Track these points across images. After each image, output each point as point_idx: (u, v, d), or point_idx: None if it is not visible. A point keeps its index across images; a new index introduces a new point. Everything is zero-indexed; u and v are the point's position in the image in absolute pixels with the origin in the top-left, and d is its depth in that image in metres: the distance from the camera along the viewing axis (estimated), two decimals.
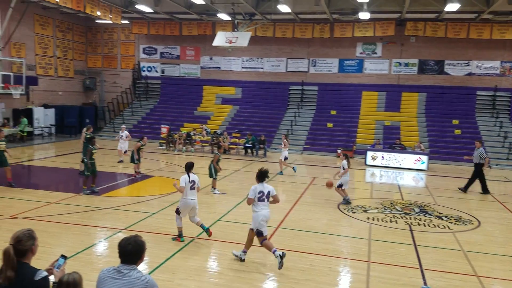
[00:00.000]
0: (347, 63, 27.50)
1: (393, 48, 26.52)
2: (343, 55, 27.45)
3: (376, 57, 26.98)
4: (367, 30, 25.00)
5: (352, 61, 27.40)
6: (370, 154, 20.46)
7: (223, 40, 22.32)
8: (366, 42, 26.74)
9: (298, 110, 27.13)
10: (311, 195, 13.36)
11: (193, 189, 8.29)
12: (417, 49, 26.16)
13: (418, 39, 25.73)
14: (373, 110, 26.16)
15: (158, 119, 26.70)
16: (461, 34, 24.05)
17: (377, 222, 10.48)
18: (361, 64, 27.28)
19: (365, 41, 26.64)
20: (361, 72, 27.30)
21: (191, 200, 8.26)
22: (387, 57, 26.76)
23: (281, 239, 8.79)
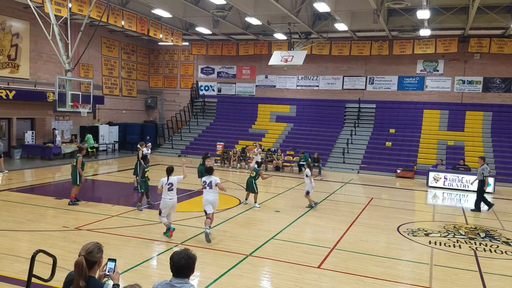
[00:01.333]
0: (407, 80, 26.70)
1: (455, 65, 25.43)
2: (403, 73, 26.72)
3: (437, 75, 25.99)
4: (428, 47, 24.24)
5: (412, 79, 26.57)
6: (432, 175, 19.52)
7: (278, 59, 22.55)
8: (427, 59, 25.88)
9: (355, 128, 26.59)
10: (369, 216, 12.93)
11: (171, 190, 9.41)
12: (481, 66, 24.91)
13: (483, 56, 24.53)
14: (435, 129, 25.08)
15: (214, 136, 27.28)
16: None
17: (439, 246, 9.93)
18: (422, 81, 26.38)
19: (426, 58, 25.80)
20: (422, 89, 26.37)
21: (169, 200, 9.42)
22: (450, 75, 25.68)
23: (337, 261, 8.56)
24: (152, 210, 12.21)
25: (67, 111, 19.58)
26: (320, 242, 9.78)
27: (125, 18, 22.18)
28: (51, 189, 15.62)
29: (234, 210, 12.78)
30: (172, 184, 9.41)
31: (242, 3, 19.59)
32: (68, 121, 25.19)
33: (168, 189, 9.39)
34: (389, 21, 22.49)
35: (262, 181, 13.96)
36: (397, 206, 14.85)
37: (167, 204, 9.42)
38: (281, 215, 12.44)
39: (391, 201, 16.10)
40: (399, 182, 20.47)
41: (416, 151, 23.73)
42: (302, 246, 9.45)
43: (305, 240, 10.08)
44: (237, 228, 10.77)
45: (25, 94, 21.16)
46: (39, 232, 9.69)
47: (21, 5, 20.66)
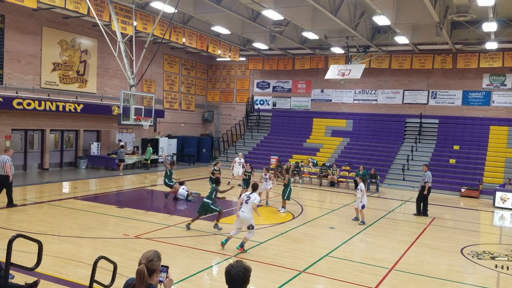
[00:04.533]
0: (472, 95, 25.37)
1: None
2: (468, 87, 25.43)
3: (505, 89, 24.47)
4: (495, 61, 22.97)
5: (478, 93, 25.21)
6: (499, 194, 18.27)
7: (335, 73, 22.32)
8: (494, 73, 24.49)
9: (416, 144, 25.58)
10: (431, 237, 12.30)
11: (246, 203, 9.64)
12: None
13: None
14: (503, 146, 23.54)
15: (268, 150, 27.36)
16: None
17: (506, 271, 9.22)
18: (488, 96, 24.96)
19: (492, 72, 24.42)
20: (488, 105, 24.94)
21: (241, 212, 9.64)
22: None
23: (396, 282, 8.18)
24: (207, 222, 12.39)
25: (130, 124, 20.52)
26: (378, 262, 9.41)
27: (186, 35, 23.03)
28: (113, 198, 16.36)
29: (288, 224, 12.67)
30: (250, 198, 9.65)
31: (300, 18, 19.68)
32: (131, 133, 26.40)
33: (245, 201, 9.68)
34: (453, 34, 21.60)
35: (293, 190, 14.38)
36: (461, 227, 14.01)
37: (240, 216, 9.65)
38: (336, 232, 12.16)
39: (454, 221, 15.22)
40: (463, 202, 19.35)
41: (482, 169, 22.36)
42: (358, 265, 9.15)
43: (361, 259, 9.75)
44: (291, 243, 10.64)
45: (92, 107, 22.46)
46: (101, 239, 10.14)
47: (89, 23, 22.10)
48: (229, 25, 22.01)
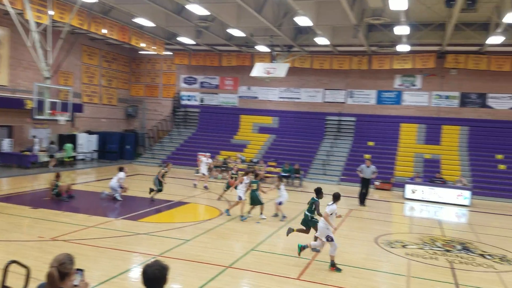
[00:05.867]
0: (385, 94, 27.23)
1: (433, 80, 26.08)
2: (381, 87, 27.25)
3: (415, 89, 26.59)
4: (406, 63, 24.80)
5: (391, 93, 27.12)
6: (410, 187, 19.85)
7: (261, 71, 22.73)
8: (405, 74, 26.48)
9: (335, 140, 26.93)
10: (348, 227, 13.04)
11: None
12: (458, 82, 25.60)
13: (460, 72, 25.21)
14: (412, 143, 25.59)
15: (196, 147, 27.17)
16: (505, 67, 23.39)
17: (416, 258, 10.07)
18: (399, 96, 26.94)
19: (404, 73, 26.39)
20: (400, 104, 26.92)
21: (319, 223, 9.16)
22: (427, 90, 26.31)
23: (316, 272, 8.59)
24: (130, 221, 12.05)
25: (45, 119, 19.26)
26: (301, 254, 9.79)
27: (106, 26, 22.04)
28: (27, 198, 15.27)
29: (215, 221, 12.71)
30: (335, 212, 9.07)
31: (225, 14, 19.74)
32: (46, 129, 24.74)
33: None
34: (369, 36, 22.95)
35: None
36: (375, 218, 15.03)
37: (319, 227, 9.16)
38: (262, 226, 12.43)
39: (369, 212, 16.26)
40: (378, 194, 20.73)
41: (393, 163, 24.12)
42: (283, 258, 9.47)
43: (285, 251, 10.09)
44: (218, 239, 10.71)
45: (3, 101, 20.74)
46: (15, 242, 9.46)
47: (1, 11, 20.35)
48: (153, 18, 21.45)
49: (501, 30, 18.04)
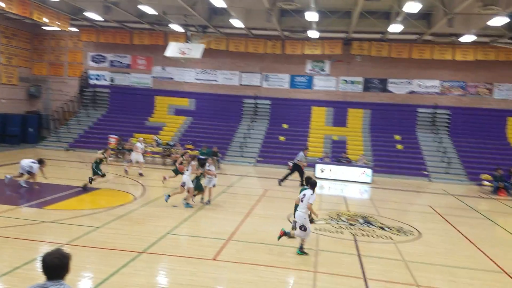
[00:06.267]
0: (298, 79, 28.21)
1: (340, 66, 27.52)
2: (294, 71, 28.15)
3: (324, 75, 27.88)
4: (316, 48, 25.83)
5: (302, 78, 28.14)
6: (319, 167, 21.00)
7: (175, 51, 22.22)
8: (315, 59, 27.60)
9: (252, 123, 27.42)
10: (263, 207, 13.49)
11: (301, 201, 9.00)
12: (362, 68, 27.32)
13: (364, 58, 26.85)
14: (322, 125, 26.94)
15: (106, 129, 25.96)
16: (403, 54, 25.40)
17: (324, 232, 10.77)
18: (310, 80, 28.08)
19: (314, 58, 27.48)
20: (311, 88, 28.07)
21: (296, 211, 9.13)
22: (335, 75, 27.73)
23: (232, 252, 8.82)
24: (35, 209, 11.30)
25: None
26: (217, 235, 9.98)
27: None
28: None
29: (128, 206, 12.37)
30: (305, 195, 8.95)
31: None
32: None
33: (300, 199, 9.05)
34: (282, 21, 23.46)
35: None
36: (288, 197, 15.65)
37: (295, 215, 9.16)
38: (178, 209, 12.37)
39: (283, 192, 16.92)
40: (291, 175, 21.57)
41: (306, 145, 25.20)
42: (199, 240, 9.56)
43: (202, 233, 10.21)
44: (131, 225, 10.47)
45: None
46: None
47: None
48: None
49: (401, 19, 19.49)
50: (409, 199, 17.57)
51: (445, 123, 26.29)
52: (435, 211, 14.73)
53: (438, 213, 14.42)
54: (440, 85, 26.69)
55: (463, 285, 7.90)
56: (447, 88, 26.67)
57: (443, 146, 24.58)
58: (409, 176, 22.23)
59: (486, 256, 9.69)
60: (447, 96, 26.68)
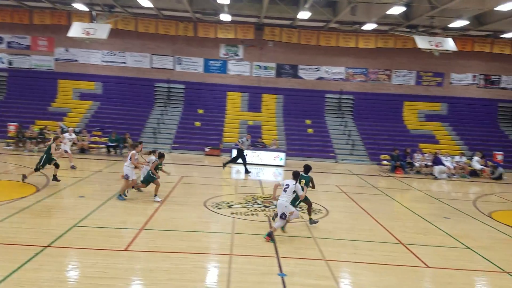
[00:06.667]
0: (212, 63, 28.03)
1: (253, 51, 27.86)
2: (208, 55, 27.90)
3: (238, 59, 28.02)
4: (229, 32, 25.81)
5: (217, 62, 28.02)
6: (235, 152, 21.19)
7: (79, 32, 20.89)
8: (229, 44, 27.61)
9: (165, 108, 26.79)
10: (179, 194, 13.35)
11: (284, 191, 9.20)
12: (274, 54, 27.92)
13: (276, 44, 27.43)
14: (237, 110, 27.18)
15: (5, 116, 23.70)
16: (312, 41, 26.40)
17: (240, 216, 10.99)
18: (225, 65, 28.07)
19: (228, 42, 27.47)
20: (225, 73, 28.09)
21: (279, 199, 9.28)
22: (249, 60, 28.02)
23: (144, 241, 8.64)
24: None
25: None
26: (129, 225, 9.71)
27: None
28: None
29: (31, 198, 11.49)
30: (289, 186, 9.18)
31: None
32: None
33: (284, 189, 9.21)
34: (193, 3, 23.03)
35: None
36: (205, 183, 15.72)
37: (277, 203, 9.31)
38: (86, 200, 11.77)
39: (200, 178, 16.90)
40: (208, 160, 21.62)
41: (222, 130, 25.35)
42: (109, 231, 9.22)
43: (113, 224, 9.84)
44: (34, 218, 9.76)
45: None
46: None
47: None
48: None
49: (308, 6, 20.18)
50: (319, 180, 18.32)
51: (350, 108, 27.98)
52: (341, 190, 15.74)
53: (343, 191, 15.43)
54: (345, 72, 28.25)
55: (364, 256, 8.59)
56: (351, 75, 28.33)
57: (348, 130, 26.19)
58: (318, 158, 23.39)
59: (384, 229, 10.61)
60: (351, 82, 28.33)
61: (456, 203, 14.35)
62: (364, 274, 7.69)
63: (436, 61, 26.84)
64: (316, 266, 7.84)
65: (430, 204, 14.40)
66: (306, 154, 23.51)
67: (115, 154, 21.19)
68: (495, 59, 27.49)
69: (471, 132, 26.27)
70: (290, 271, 7.45)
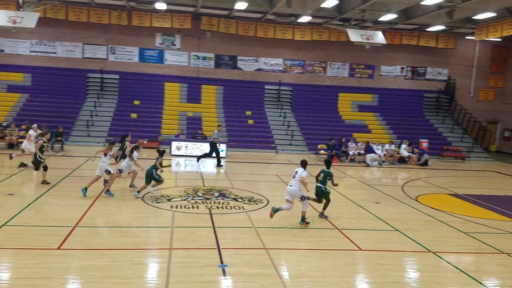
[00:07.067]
0: (148, 52, 27.27)
1: (191, 41, 27.46)
2: (143, 44, 27.13)
3: (175, 49, 27.51)
4: (165, 21, 25.21)
5: (153, 51, 27.30)
6: (175, 144, 20.95)
7: (5, 20, 19.56)
8: (165, 33, 27.00)
9: (99, 99, 25.74)
10: (116, 189, 12.91)
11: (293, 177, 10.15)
12: (213, 44, 27.72)
13: (214, 34, 27.22)
14: (176, 101, 26.73)
15: None
16: (250, 32, 26.51)
17: (180, 209, 10.89)
18: (161, 54, 27.43)
19: (163, 32, 26.85)
20: (162, 63, 27.46)
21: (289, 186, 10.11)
22: (186, 50, 27.59)
23: (79, 239, 8.31)
24: None
25: None
26: (61, 222, 9.29)
27: None
28: None
29: None
30: (297, 173, 10.11)
31: None
32: None
33: (293, 176, 10.15)
34: None
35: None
36: (144, 176, 15.30)
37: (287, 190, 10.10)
38: (15, 198, 11.09)
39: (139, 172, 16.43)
40: (146, 153, 21.07)
41: (160, 122, 24.84)
42: (41, 229, 8.77)
43: (44, 221, 9.37)
44: None
45: None
46: None
47: None
48: None
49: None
50: (260, 170, 18.79)
51: (288, 99, 28.52)
52: (281, 179, 16.06)
53: (283, 181, 15.76)
54: (283, 63, 28.71)
55: (303, 243, 8.90)
56: (289, 66, 28.86)
57: (287, 121, 26.72)
58: (259, 149, 23.69)
59: None
60: (289, 74, 28.88)
61: (386, 189, 15.21)
62: (303, 260, 7.96)
63: (367, 54, 28.08)
64: (257, 255, 7.98)
65: (363, 190, 15.15)
66: (247, 146, 23.70)
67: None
68: (421, 51, 29.26)
69: (399, 121, 27.83)
70: (231, 262, 7.53)
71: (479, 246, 9.32)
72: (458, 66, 30.17)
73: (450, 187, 16.26)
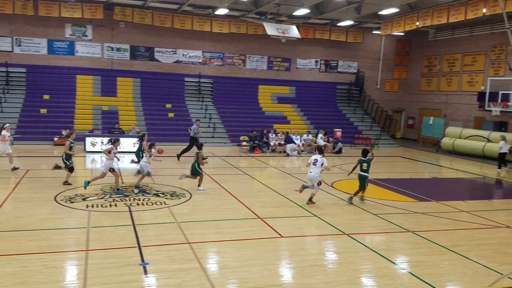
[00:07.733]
0: (57, 44, 25.53)
1: (104, 32, 26.19)
2: (52, 36, 25.36)
3: (87, 40, 26.07)
4: (75, 12, 23.80)
5: (62, 43, 25.62)
6: (89, 140, 19.93)
7: None
8: (76, 23, 25.46)
9: (4, 94, 23.66)
10: (25, 189, 12.04)
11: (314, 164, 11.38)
12: (127, 35, 26.69)
13: (128, 25, 26.23)
14: (89, 95, 25.40)
15: None
16: (166, 23, 25.91)
17: (96, 208, 10.43)
18: (72, 46, 25.83)
19: (74, 22, 25.30)
20: (73, 54, 25.90)
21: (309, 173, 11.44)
22: (99, 41, 26.27)
23: None
24: None
25: None
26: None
27: None
28: None
29: None
30: (317, 161, 11.30)
31: None
32: None
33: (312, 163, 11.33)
34: None
35: None
36: (56, 175, 14.39)
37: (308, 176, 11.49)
38: None
39: (49, 170, 15.41)
40: (57, 150, 19.82)
41: (72, 117, 23.48)
42: None
43: None
44: None
45: None
46: None
47: None
48: None
49: None
50: (182, 165, 18.53)
51: (209, 92, 28.43)
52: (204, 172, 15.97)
53: (206, 174, 15.70)
54: (202, 56, 28.50)
55: (226, 234, 8.99)
56: (208, 59, 28.72)
57: (208, 113, 26.63)
58: (181, 142, 23.24)
59: (245, 206, 11.22)
60: (209, 66, 28.75)
61: (305, 177, 15.82)
62: (227, 251, 8.04)
63: (284, 47, 28.86)
64: (179, 250, 7.91)
65: (284, 179, 15.65)
66: (168, 139, 23.26)
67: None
68: (333, 45, 30.72)
69: (315, 112, 29.06)
70: (152, 259, 7.39)
71: (388, 226, 10.11)
72: (366, 60, 32.14)
73: None
